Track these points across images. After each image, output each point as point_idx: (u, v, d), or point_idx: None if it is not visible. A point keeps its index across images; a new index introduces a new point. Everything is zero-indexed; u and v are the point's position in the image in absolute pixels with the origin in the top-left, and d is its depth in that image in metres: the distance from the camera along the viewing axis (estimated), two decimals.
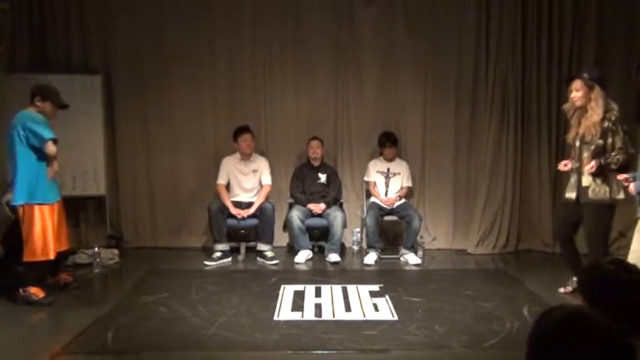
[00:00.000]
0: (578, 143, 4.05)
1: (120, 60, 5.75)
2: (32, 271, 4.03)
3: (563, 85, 5.10)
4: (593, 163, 3.86)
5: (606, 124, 3.86)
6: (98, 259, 5.02)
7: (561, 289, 4.37)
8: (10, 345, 3.40)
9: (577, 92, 3.98)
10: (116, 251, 5.41)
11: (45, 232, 4.00)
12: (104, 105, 5.63)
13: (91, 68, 5.67)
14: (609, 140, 3.86)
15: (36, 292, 4.04)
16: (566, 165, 4.17)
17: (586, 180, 3.97)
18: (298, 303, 4.05)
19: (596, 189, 3.93)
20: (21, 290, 4.02)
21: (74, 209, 5.76)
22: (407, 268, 5.23)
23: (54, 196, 4.11)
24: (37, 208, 4.00)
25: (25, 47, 5.60)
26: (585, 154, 3.98)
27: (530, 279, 4.75)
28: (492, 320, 3.72)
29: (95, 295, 4.61)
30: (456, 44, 5.75)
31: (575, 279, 4.29)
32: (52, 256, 4.04)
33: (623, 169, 3.84)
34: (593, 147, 3.91)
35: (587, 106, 3.97)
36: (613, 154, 3.84)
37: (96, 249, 5.08)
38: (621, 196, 3.89)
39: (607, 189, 3.90)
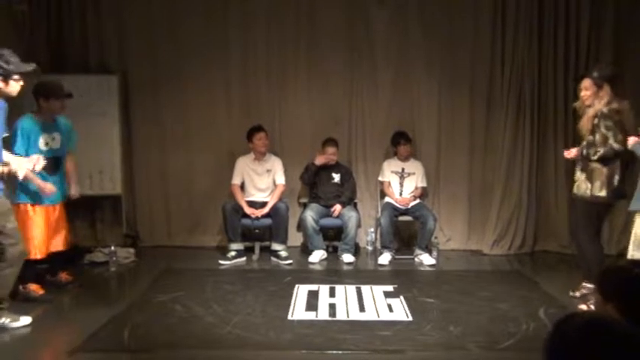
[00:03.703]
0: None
1: (136, 60, 5.79)
2: (30, 269, 4.02)
3: (572, 84, 5.10)
4: (573, 150, 3.92)
5: (596, 120, 3.88)
6: (114, 258, 5.07)
7: (577, 293, 4.26)
8: (27, 343, 3.45)
9: (586, 91, 3.99)
10: (132, 250, 5.46)
11: (25, 231, 4.01)
12: (120, 105, 5.67)
13: (108, 68, 5.72)
14: (597, 136, 3.88)
15: (35, 289, 4.10)
16: (569, 153, 4.19)
17: (576, 175, 4.04)
18: (312, 303, 4.06)
19: (580, 184, 3.99)
20: (21, 287, 4.06)
21: (91, 208, 5.83)
22: (421, 268, 5.20)
23: (45, 198, 4.09)
24: (20, 207, 4.04)
25: (43, 48, 5.65)
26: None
27: (546, 280, 4.70)
28: (508, 322, 3.69)
29: (111, 294, 4.65)
30: (471, 44, 5.71)
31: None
32: (32, 256, 4.00)
33: (604, 161, 3.87)
34: (584, 142, 3.96)
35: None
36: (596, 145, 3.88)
37: (112, 248, 5.12)
38: (602, 193, 3.89)
39: (589, 185, 3.93)
